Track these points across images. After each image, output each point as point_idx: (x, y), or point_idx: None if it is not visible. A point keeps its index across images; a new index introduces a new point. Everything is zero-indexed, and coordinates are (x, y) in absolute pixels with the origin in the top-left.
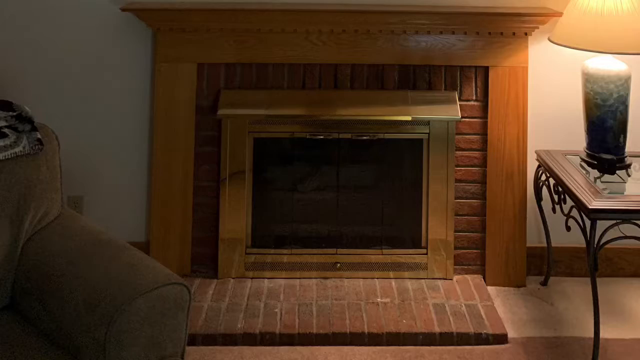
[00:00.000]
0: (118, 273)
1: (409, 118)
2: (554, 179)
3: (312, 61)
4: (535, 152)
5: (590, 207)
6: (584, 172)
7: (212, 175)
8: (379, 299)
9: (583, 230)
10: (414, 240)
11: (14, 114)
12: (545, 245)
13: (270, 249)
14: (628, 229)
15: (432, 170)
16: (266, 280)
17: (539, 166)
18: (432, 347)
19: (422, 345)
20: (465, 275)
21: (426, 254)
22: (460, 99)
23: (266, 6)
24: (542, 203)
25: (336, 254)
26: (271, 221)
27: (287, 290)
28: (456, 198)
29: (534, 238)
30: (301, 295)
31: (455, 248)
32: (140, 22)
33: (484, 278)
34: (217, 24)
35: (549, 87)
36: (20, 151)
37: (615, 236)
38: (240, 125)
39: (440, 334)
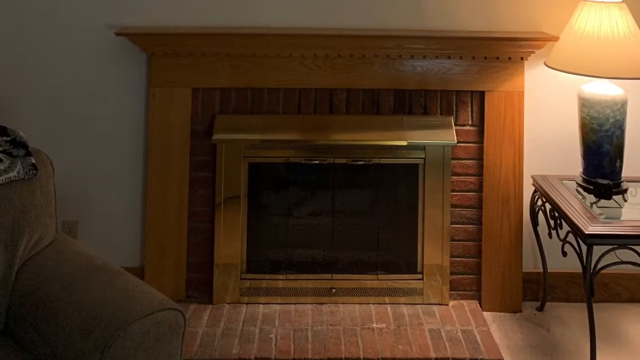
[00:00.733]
0: (113, 298)
1: (404, 143)
2: (550, 204)
3: (307, 86)
4: (532, 177)
5: (586, 232)
6: (580, 197)
7: (207, 200)
8: (374, 325)
9: (579, 255)
10: (410, 266)
11: (8, 138)
12: (541, 270)
13: (265, 274)
14: (624, 254)
15: (427, 195)
16: (261, 305)
17: (535, 191)
18: None
19: None
20: (461, 301)
21: (422, 279)
22: (456, 124)
23: (261, 31)
24: (538, 228)
25: (331, 279)
26: (266, 246)
27: (282, 315)
28: (452, 223)
29: (530, 263)
30: (296, 320)
31: (451, 273)
32: (134, 46)
33: (479, 303)
34: (211, 48)
35: (545, 112)
36: (15, 176)
37: (612, 261)
38: (235, 150)
39: (436, 359)
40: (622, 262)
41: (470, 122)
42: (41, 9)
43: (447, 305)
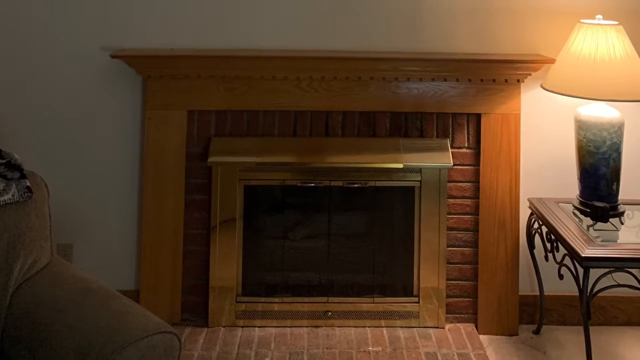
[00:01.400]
0: (108, 321)
1: (400, 165)
2: (546, 226)
3: (303, 108)
4: (528, 199)
5: (583, 255)
6: (577, 219)
7: (202, 222)
8: (370, 348)
9: (576, 278)
10: (406, 289)
11: (3, 161)
12: (537, 293)
13: (261, 297)
14: (621, 277)
15: (423, 218)
16: (257, 328)
17: (531, 214)
18: None
19: None
20: (458, 324)
21: (418, 302)
22: (452, 146)
23: (257, 53)
24: (535, 251)
25: (327, 302)
26: (262, 269)
27: (278, 338)
28: (448, 246)
29: (527, 286)
30: (292, 344)
31: (447, 296)
32: (130, 69)
33: (476, 326)
34: (207, 70)
35: (542, 134)
36: (10, 199)
37: (609, 284)
38: (231, 172)
39: None
40: (619, 285)
41: (466, 145)
42: (36, 31)
43: (443, 328)
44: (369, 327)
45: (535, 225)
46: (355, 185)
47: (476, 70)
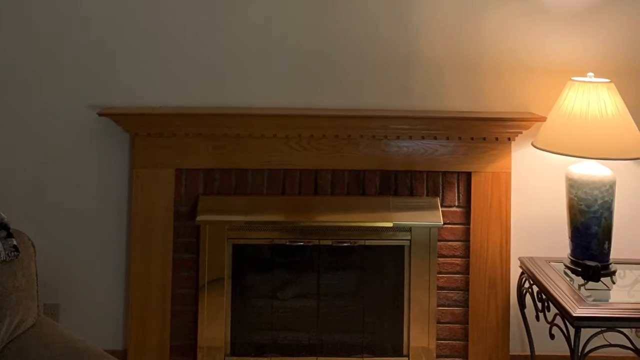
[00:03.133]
0: None
1: (390, 224)
2: (537, 286)
3: (292, 166)
4: (519, 259)
5: (574, 314)
6: (568, 279)
7: (190, 282)
8: None
9: (567, 338)
10: (396, 348)
11: None
12: (529, 353)
13: (250, 357)
14: (613, 336)
15: (413, 277)
16: None
17: (522, 273)
18: None
19: None
20: None
21: None
22: (442, 205)
23: (245, 111)
24: (526, 311)
25: None
26: (251, 329)
27: None
28: (438, 305)
29: (518, 346)
30: None
31: (438, 356)
32: (117, 126)
33: None
34: (195, 128)
35: (533, 193)
36: None
37: (600, 344)
38: (219, 231)
39: None
40: (611, 345)
41: (456, 203)
42: (24, 89)
43: None
44: None
45: (526, 285)
46: (345, 244)
47: (466, 129)
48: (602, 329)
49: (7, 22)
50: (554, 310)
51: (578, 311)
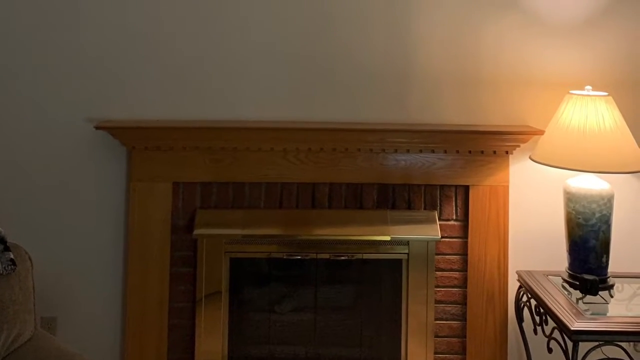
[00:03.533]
0: None
1: (388, 238)
2: (535, 300)
3: (289, 180)
4: (517, 272)
5: (572, 328)
6: (566, 292)
7: (187, 295)
8: None
9: (565, 352)
10: None
11: None
12: None
13: None
14: (611, 350)
15: (411, 291)
16: None
17: (520, 287)
18: None
19: None
20: None
21: None
22: (440, 219)
23: (242, 124)
24: (524, 324)
25: None
26: (248, 343)
27: None
28: (436, 319)
29: None
30: None
31: None
32: (115, 140)
33: None
34: (192, 142)
35: (531, 206)
36: None
37: (598, 358)
38: (217, 245)
39: None
40: (609, 359)
41: (454, 217)
42: (20, 102)
43: None
44: None
45: (524, 298)
46: (342, 257)
47: (464, 142)
48: (600, 342)
49: (4, 36)
50: (551, 323)
51: (576, 325)
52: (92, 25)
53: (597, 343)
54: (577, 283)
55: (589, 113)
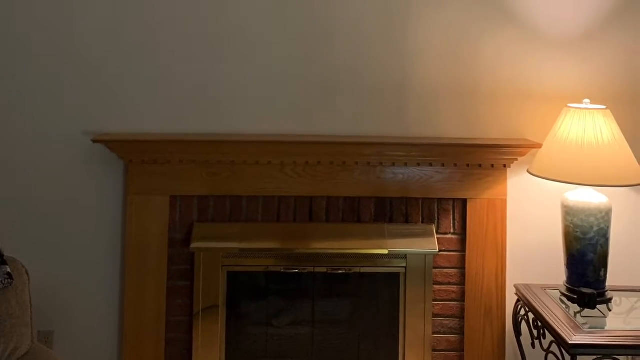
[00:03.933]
0: None
1: (385, 251)
2: (533, 313)
3: (287, 193)
4: (514, 286)
5: (570, 342)
6: (564, 306)
7: (185, 309)
8: None
9: None
10: None
11: None
12: None
13: None
14: None
15: (409, 305)
16: None
17: (518, 300)
18: None
19: None
20: None
21: None
22: (437, 232)
23: (240, 138)
24: (522, 338)
25: None
26: (245, 356)
27: None
28: (434, 333)
29: None
30: None
31: None
32: (112, 153)
33: None
34: (189, 155)
35: (528, 220)
36: None
37: None
38: (214, 258)
39: None
40: None
41: (452, 230)
42: (18, 115)
43: None
44: None
45: (522, 312)
46: (340, 271)
47: (462, 155)
48: (598, 356)
49: (1, 49)
50: (549, 337)
51: (574, 339)
52: (90, 39)
53: (595, 357)
54: (575, 297)
55: (587, 126)
